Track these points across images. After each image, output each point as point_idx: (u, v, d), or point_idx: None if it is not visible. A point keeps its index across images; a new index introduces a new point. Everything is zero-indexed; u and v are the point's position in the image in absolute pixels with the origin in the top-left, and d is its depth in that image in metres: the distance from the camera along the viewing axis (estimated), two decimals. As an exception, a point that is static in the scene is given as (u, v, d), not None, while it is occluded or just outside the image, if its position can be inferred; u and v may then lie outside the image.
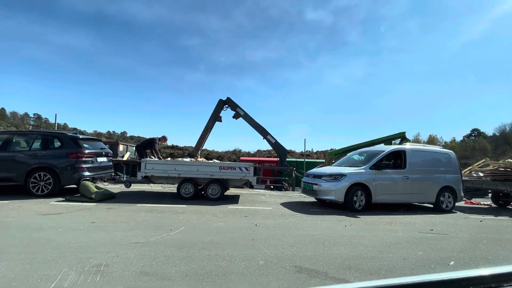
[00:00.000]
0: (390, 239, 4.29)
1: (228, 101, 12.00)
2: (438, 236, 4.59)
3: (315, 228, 4.79)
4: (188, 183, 7.29)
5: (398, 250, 3.71)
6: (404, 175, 7.18)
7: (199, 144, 12.03)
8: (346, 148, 12.46)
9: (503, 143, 37.94)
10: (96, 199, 6.43)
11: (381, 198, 6.92)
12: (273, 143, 12.09)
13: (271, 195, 9.06)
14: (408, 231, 4.87)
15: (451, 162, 7.85)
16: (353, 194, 6.64)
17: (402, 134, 11.86)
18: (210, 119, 12.00)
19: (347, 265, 3.08)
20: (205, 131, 11.99)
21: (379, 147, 8.17)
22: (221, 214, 5.67)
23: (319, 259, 3.22)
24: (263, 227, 4.68)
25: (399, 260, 3.29)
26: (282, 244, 3.75)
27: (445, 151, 8.21)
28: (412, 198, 7.31)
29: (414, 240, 4.27)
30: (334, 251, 3.55)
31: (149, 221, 4.82)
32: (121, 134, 50.86)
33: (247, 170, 7.35)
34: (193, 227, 4.50)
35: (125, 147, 14.31)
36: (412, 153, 7.49)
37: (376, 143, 12.16)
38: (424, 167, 7.48)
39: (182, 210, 5.91)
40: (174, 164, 7.38)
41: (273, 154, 25.60)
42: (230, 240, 3.86)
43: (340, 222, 5.38)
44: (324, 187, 6.83)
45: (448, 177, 7.59)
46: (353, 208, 6.60)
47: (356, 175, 6.83)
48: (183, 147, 32.36)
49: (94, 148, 7.74)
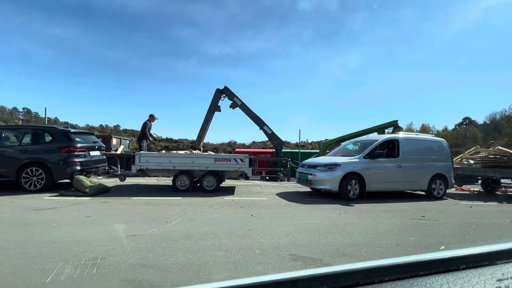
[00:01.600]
0: (383, 226, 4.38)
1: (226, 90, 11.93)
2: (429, 222, 4.71)
3: (310, 217, 4.86)
4: (183, 175, 7.27)
5: (391, 236, 3.80)
6: (397, 163, 7.29)
7: (201, 135, 12.02)
8: (340, 138, 12.55)
9: (493, 131, 38.72)
10: (91, 193, 6.38)
11: (375, 187, 7.03)
12: (269, 134, 12.09)
13: (266, 186, 9.13)
14: (401, 218, 4.98)
15: (443, 150, 7.98)
16: (347, 183, 6.73)
17: (395, 123, 11.96)
18: (209, 110, 11.96)
19: (342, 252, 3.14)
20: (205, 122, 11.97)
21: (373, 137, 8.25)
22: (217, 205, 5.70)
23: (314, 247, 3.28)
24: (259, 217, 4.73)
25: (392, 246, 3.38)
26: (277, 233, 3.80)
27: (437, 140, 8.34)
28: (405, 186, 7.45)
29: (407, 227, 4.38)
30: (329, 239, 3.62)
31: (145, 214, 4.82)
32: (114, 128, 50.12)
33: (242, 161, 7.36)
34: (189, 219, 4.51)
35: (118, 140, 14.15)
36: (405, 142, 7.59)
37: (369, 132, 12.28)
38: (417, 155, 7.59)
39: (178, 202, 5.91)
40: (169, 157, 7.33)
41: (268, 145, 25.64)
42: (227, 230, 3.89)
43: (334, 211, 5.47)
44: (319, 177, 6.90)
45: (439, 165, 7.73)
46: (348, 197, 6.70)
47: (350, 165, 6.90)
48: (178, 140, 32.10)
49: (86, 142, 7.62)
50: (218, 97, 11.89)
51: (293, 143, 28.48)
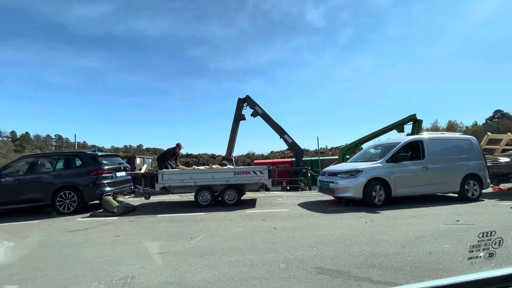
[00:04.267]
0: (413, 233, 4.16)
1: (247, 99, 12.23)
2: (465, 227, 4.41)
3: (335, 227, 4.73)
4: (204, 190, 7.40)
5: (422, 244, 3.60)
6: (423, 165, 6.95)
7: (230, 146, 12.31)
8: (358, 140, 12.23)
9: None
10: (119, 212, 6.66)
11: (401, 191, 6.73)
12: (289, 143, 12.07)
13: (288, 196, 9.02)
14: (432, 224, 4.70)
15: (473, 148, 7.52)
16: (371, 190, 6.50)
17: (413, 117, 11.45)
18: (234, 119, 12.30)
19: (370, 263, 3.02)
20: (232, 132, 12.29)
21: (395, 139, 7.95)
22: (239, 219, 5.71)
23: (341, 258, 3.18)
24: (282, 230, 4.67)
25: (425, 255, 3.19)
26: (302, 245, 3.73)
27: (466, 137, 7.87)
28: (434, 188, 7.05)
29: (440, 233, 4.12)
30: (355, 249, 3.49)
31: (170, 231, 4.93)
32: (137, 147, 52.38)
33: (262, 173, 7.37)
34: (213, 234, 4.56)
35: (142, 159, 14.73)
36: (430, 142, 7.24)
37: (388, 130, 11.86)
38: (445, 155, 7.20)
39: (201, 217, 6.00)
40: (189, 173, 7.52)
41: (287, 154, 25.46)
42: (250, 244, 3.88)
43: (360, 219, 5.28)
44: (341, 185, 6.73)
45: (471, 164, 7.26)
46: (373, 203, 6.46)
47: (373, 170, 6.68)
48: (198, 155, 32.82)
49: (112, 163, 8.04)
50: (241, 106, 12.23)
51: (312, 151, 28.08)
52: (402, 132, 11.87)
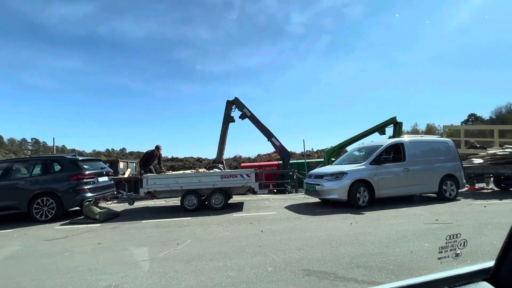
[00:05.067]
0: (396, 233, 4.30)
1: (235, 101, 12.28)
2: (443, 226, 4.61)
3: (321, 229, 4.80)
4: (191, 195, 7.29)
5: (404, 243, 3.73)
6: (404, 167, 7.21)
7: (221, 148, 12.24)
8: (342, 143, 12.54)
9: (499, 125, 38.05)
10: (101, 219, 6.43)
11: (384, 193, 6.94)
12: (277, 146, 12.18)
13: (275, 199, 9.07)
14: (413, 223, 4.88)
15: (450, 150, 7.90)
16: (356, 191, 6.66)
17: (393, 119, 11.91)
18: (223, 122, 12.33)
19: (355, 263, 3.09)
20: (222, 134, 12.28)
21: (378, 142, 8.21)
22: (227, 223, 5.68)
23: (327, 260, 3.23)
24: (269, 233, 4.69)
25: (407, 254, 3.31)
26: (289, 248, 3.76)
27: (443, 140, 8.26)
28: (414, 189, 7.33)
29: (420, 232, 4.28)
30: (341, 250, 3.56)
31: (155, 237, 4.82)
32: (120, 151, 50.76)
33: (248, 176, 7.37)
34: (200, 239, 4.50)
35: (125, 164, 14.32)
36: (410, 145, 7.54)
37: (370, 132, 12.24)
38: (424, 157, 7.51)
39: (187, 222, 5.91)
40: (175, 178, 7.40)
41: (273, 157, 25.61)
42: (237, 249, 3.87)
43: (345, 220, 5.40)
44: (326, 187, 6.85)
45: (448, 165, 7.62)
46: (357, 205, 6.62)
47: (357, 172, 6.86)
48: (184, 158, 32.35)
49: (94, 168, 7.76)
50: (230, 108, 12.26)
51: (299, 153, 28.41)
52: (383, 134, 12.30)
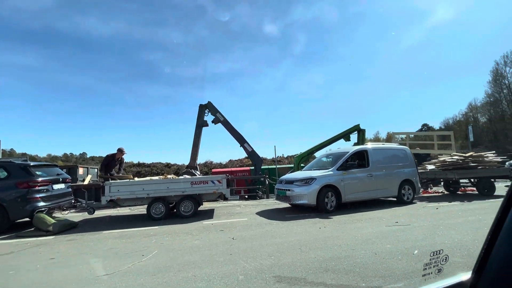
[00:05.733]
0: (361, 236, 4.52)
1: (209, 105, 12.12)
2: (402, 228, 4.96)
3: (292, 234, 4.87)
4: (158, 202, 6.97)
5: (369, 246, 3.93)
6: (368, 173, 7.66)
7: (194, 153, 11.91)
8: (310, 149, 13.02)
9: (449, 135, 42.40)
10: (55, 231, 5.84)
11: (349, 197, 7.28)
12: (249, 152, 12.21)
13: (246, 205, 9.03)
14: (376, 226, 5.18)
15: (408, 157, 8.58)
16: (324, 196, 6.90)
17: (357, 127, 12.74)
18: (197, 126, 12.07)
19: (324, 267, 3.17)
20: (195, 139, 12.00)
21: (344, 149, 8.63)
22: (196, 231, 5.50)
23: (297, 265, 3.28)
24: (240, 240, 4.64)
25: (371, 256, 3.48)
26: (260, 255, 3.75)
27: (401, 147, 8.96)
28: (377, 194, 7.80)
29: (383, 234, 4.55)
30: (311, 255, 3.64)
31: (117, 248, 4.50)
32: (80, 156, 46.77)
33: (220, 182, 7.26)
34: (167, 249, 4.30)
35: (85, 170, 13.27)
36: (373, 152, 8.04)
37: (336, 139, 12.93)
38: (385, 164, 8.06)
39: (154, 232, 5.62)
40: (142, 184, 7.02)
41: (245, 163, 25.60)
42: (207, 258, 3.76)
43: (314, 225, 5.54)
44: (296, 192, 7.00)
45: (406, 171, 8.26)
46: (326, 209, 6.85)
47: (326, 178, 7.12)
48: (151, 164, 30.90)
49: (49, 174, 7.07)
50: (202, 112, 12.07)
51: (270, 159, 28.75)
52: (348, 140, 13.06)
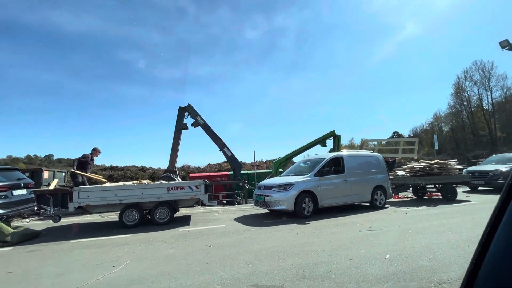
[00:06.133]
0: (336, 241, 4.64)
1: (189, 108, 11.91)
2: (375, 233, 5.16)
3: (270, 241, 4.88)
4: (132, 209, 6.66)
5: (344, 251, 4.04)
6: (343, 179, 7.92)
7: (173, 157, 11.58)
8: (288, 155, 13.28)
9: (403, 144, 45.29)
10: (13, 241, 5.36)
11: (326, 203, 7.47)
12: (229, 156, 12.13)
13: (224, 211, 8.92)
14: (351, 231, 5.35)
15: (380, 163, 9.00)
16: (301, 202, 7.01)
17: (332, 133, 13.26)
18: (176, 129, 11.80)
19: (301, 274, 3.21)
20: (174, 142, 11.68)
21: (321, 155, 8.87)
22: (172, 239, 5.32)
23: (275, 273, 3.28)
24: (218, 248, 4.56)
25: (346, 261, 3.58)
26: (238, 263, 3.70)
27: (374, 154, 9.38)
28: (352, 199, 8.08)
29: (357, 239, 4.71)
30: (288, 262, 3.66)
31: (85, 259, 4.22)
32: (45, 158, 43.43)
33: (198, 188, 7.10)
34: (141, 259, 4.11)
35: (51, 173, 12.35)
36: (348, 158, 8.34)
37: (313, 145, 13.35)
38: (359, 170, 8.39)
39: (126, 240, 5.35)
40: (114, 190, 6.67)
41: (224, 167, 25.37)
42: (183, 267, 3.64)
43: (292, 231, 5.60)
44: (275, 198, 7.05)
45: (379, 177, 8.65)
46: (303, 215, 6.96)
47: (303, 183, 7.25)
48: (124, 167, 29.58)
49: (8, 179, 6.52)
50: (182, 115, 11.85)
51: (249, 163, 28.75)
52: (324, 146, 13.52)
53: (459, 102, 39.28)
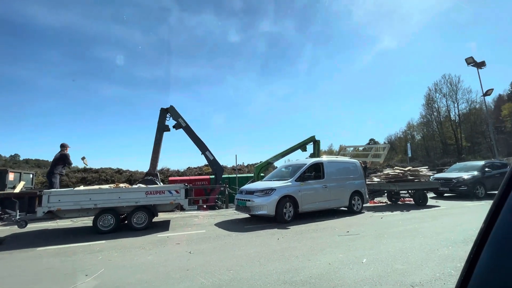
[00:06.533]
0: (316, 246, 4.73)
1: (171, 109, 11.67)
2: (353, 237, 5.34)
3: (251, 246, 4.88)
4: (107, 214, 6.37)
5: (323, 256, 4.13)
6: (323, 184, 8.12)
7: (154, 159, 11.21)
8: (270, 159, 13.44)
9: (391, 150, 47.60)
10: (-28, 249, 4.91)
11: (306, 208, 7.60)
12: (211, 160, 12.01)
13: (204, 216, 8.79)
14: (330, 236, 5.49)
15: (357, 169, 9.34)
16: (282, 207, 7.09)
17: (312, 138, 13.67)
18: (157, 131, 11.50)
19: (282, 279, 3.24)
20: (156, 144, 11.36)
21: (303, 161, 9.04)
22: (150, 245, 5.16)
23: (256, 279, 3.29)
24: (198, 254, 4.48)
25: (325, 266, 3.67)
26: (219, 269, 3.66)
27: (352, 161, 9.73)
28: (331, 204, 8.30)
29: (336, 244, 4.84)
30: (269, 267, 3.68)
31: (55, 268, 3.97)
32: (11, 158, 40.29)
33: (178, 192, 6.95)
34: (116, 267, 3.94)
35: (17, 175, 11.51)
36: (328, 164, 8.58)
37: (294, 149, 13.64)
38: (338, 175, 8.65)
39: (100, 247, 5.10)
40: (88, 193, 6.35)
41: (204, 171, 24.99)
42: (162, 275, 3.54)
43: (273, 236, 5.64)
44: (256, 203, 7.07)
45: (356, 183, 8.96)
46: (284, 220, 7.03)
47: (285, 188, 7.34)
48: (99, 169, 28.20)
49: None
50: (164, 116, 11.59)
51: (230, 167, 28.57)
52: (305, 151, 13.87)
53: (429, 113, 41.86)
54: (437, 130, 41.14)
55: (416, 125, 44.99)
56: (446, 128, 40.13)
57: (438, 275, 3.18)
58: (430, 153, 40.35)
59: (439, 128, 40.86)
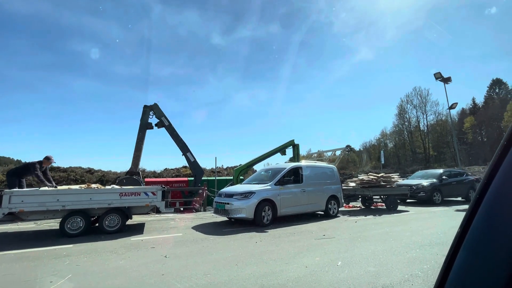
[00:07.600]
0: (293, 249, 4.80)
1: (154, 107, 11.41)
2: (328, 240, 5.48)
3: (228, 250, 4.84)
4: (76, 216, 6.00)
5: (301, 259, 4.20)
6: (301, 188, 8.27)
7: (136, 157, 10.88)
8: (249, 162, 13.48)
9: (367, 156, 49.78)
10: None
11: (284, 211, 7.69)
12: (192, 162, 11.81)
13: (181, 219, 8.57)
14: (307, 239, 5.59)
15: (334, 174, 9.63)
16: (261, 210, 7.12)
17: (292, 142, 13.99)
18: (140, 128, 11.21)
19: (260, 283, 3.24)
20: (138, 142, 11.04)
21: (282, 165, 9.16)
22: (123, 249, 4.93)
23: (234, 283, 3.26)
24: (174, 258, 4.36)
25: (302, 269, 3.73)
26: (195, 274, 3.59)
27: (330, 166, 10.02)
28: (308, 208, 8.47)
29: (312, 247, 4.94)
30: (247, 271, 3.68)
31: (16, 274, 3.67)
32: (-35, 154, 36.61)
33: (154, 194, 6.74)
34: (85, 272, 3.72)
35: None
36: (307, 169, 8.77)
37: (273, 153, 13.83)
38: (316, 180, 8.86)
39: (67, 251, 4.79)
40: (55, 194, 5.95)
41: (182, 172, 24.44)
42: (135, 280, 3.40)
43: (251, 239, 5.63)
44: (235, 206, 7.03)
45: (333, 188, 9.24)
46: (262, 223, 7.06)
47: (264, 192, 7.38)
48: (68, 168, 26.55)
49: None
50: (147, 114, 11.35)
51: (209, 169, 28.18)
52: (284, 154, 14.09)
53: (401, 122, 44.40)
54: (408, 139, 43.65)
55: (389, 134, 47.42)
56: (415, 137, 42.73)
57: (407, 277, 3.35)
58: (401, 161, 42.67)
59: (409, 137, 43.40)
